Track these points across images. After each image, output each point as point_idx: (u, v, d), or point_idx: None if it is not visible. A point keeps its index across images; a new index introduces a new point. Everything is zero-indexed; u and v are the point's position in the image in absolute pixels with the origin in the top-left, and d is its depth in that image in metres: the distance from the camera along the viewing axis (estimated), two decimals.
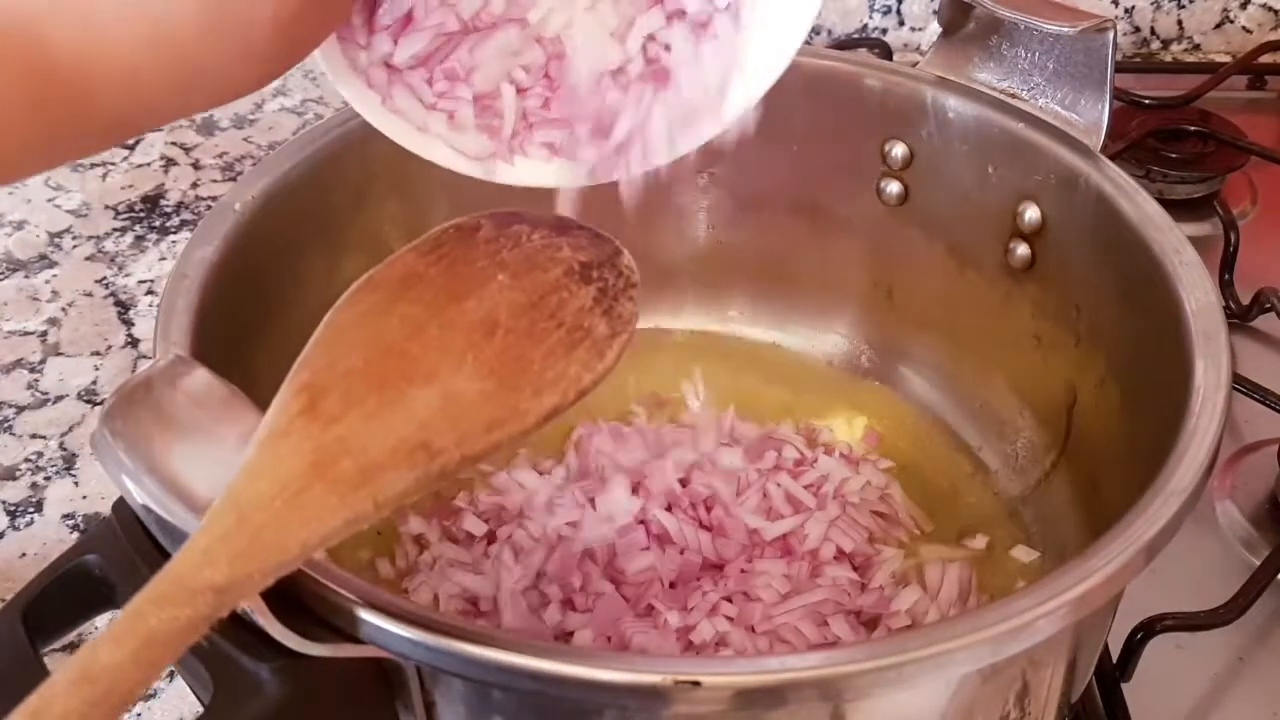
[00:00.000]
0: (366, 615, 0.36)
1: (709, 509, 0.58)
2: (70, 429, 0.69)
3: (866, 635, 0.54)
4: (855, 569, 0.57)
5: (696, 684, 0.35)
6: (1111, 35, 0.55)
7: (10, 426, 0.69)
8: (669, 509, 0.57)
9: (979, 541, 0.59)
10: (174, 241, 0.81)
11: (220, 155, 0.89)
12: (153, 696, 0.55)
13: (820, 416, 0.66)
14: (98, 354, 0.73)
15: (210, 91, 0.35)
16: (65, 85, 0.32)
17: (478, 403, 0.37)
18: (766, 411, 0.65)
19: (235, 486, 0.34)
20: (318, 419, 0.35)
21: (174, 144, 0.90)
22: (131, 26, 0.32)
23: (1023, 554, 0.58)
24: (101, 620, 0.42)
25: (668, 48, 0.41)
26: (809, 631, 0.53)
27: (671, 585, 0.55)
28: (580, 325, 0.40)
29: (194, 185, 0.86)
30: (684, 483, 0.59)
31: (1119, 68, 0.59)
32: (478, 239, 0.42)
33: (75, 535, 0.63)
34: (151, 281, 0.78)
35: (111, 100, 0.33)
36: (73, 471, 0.66)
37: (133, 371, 0.67)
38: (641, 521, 0.57)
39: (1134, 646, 0.54)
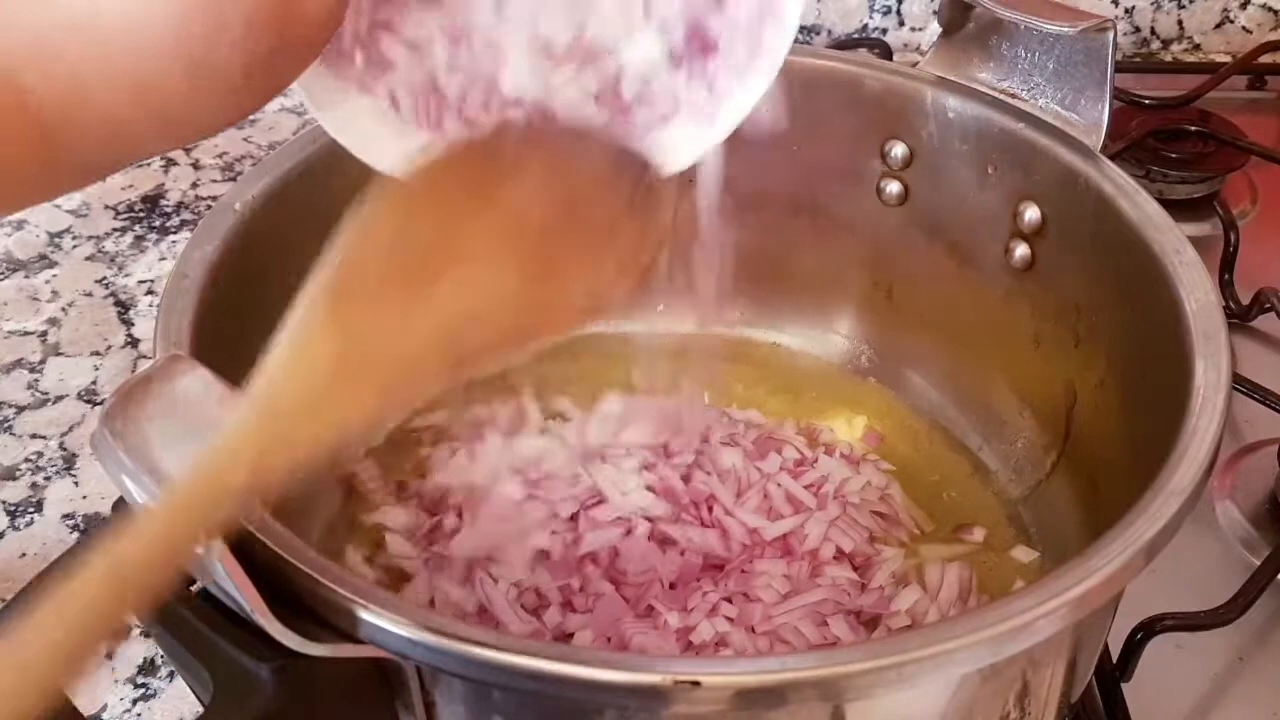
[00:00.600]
0: (366, 615, 0.36)
1: (709, 509, 0.58)
2: (70, 429, 0.69)
3: (866, 635, 0.54)
4: (855, 569, 0.57)
5: (696, 684, 0.35)
6: (1111, 35, 0.55)
7: (10, 426, 0.69)
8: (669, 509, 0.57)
9: (977, 535, 0.59)
10: (174, 241, 0.81)
11: (220, 155, 0.89)
12: (153, 696, 0.55)
13: (820, 416, 0.66)
14: (98, 354, 0.73)
15: (190, 133, 0.36)
16: (42, 135, 0.33)
17: (507, 304, 0.36)
18: (767, 411, 0.65)
19: (257, 387, 0.34)
20: (339, 319, 0.35)
21: None
22: (117, 86, 0.33)
23: (1022, 554, 0.58)
24: None
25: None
26: (809, 631, 0.53)
27: (671, 585, 0.55)
28: (614, 233, 0.39)
29: (194, 185, 0.86)
30: (684, 482, 0.59)
31: (1119, 68, 0.59)
32: (508, 142, 0.41)
33: (75, 535, 0.63)
34: (151, 281, 0.78)
35: (89, 146, 0.34)
36: (73, 471, 0.66)
37: (133, 371, 0.67)
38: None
39: (1134, 646, 0.54)
